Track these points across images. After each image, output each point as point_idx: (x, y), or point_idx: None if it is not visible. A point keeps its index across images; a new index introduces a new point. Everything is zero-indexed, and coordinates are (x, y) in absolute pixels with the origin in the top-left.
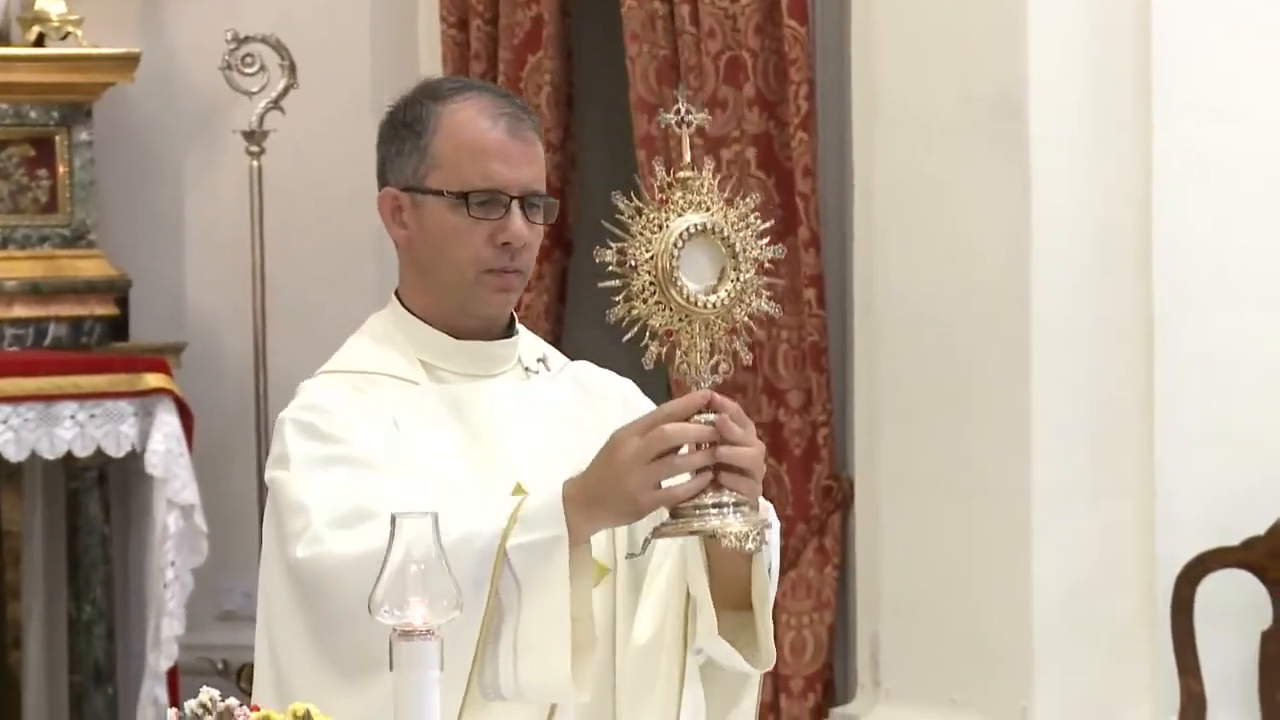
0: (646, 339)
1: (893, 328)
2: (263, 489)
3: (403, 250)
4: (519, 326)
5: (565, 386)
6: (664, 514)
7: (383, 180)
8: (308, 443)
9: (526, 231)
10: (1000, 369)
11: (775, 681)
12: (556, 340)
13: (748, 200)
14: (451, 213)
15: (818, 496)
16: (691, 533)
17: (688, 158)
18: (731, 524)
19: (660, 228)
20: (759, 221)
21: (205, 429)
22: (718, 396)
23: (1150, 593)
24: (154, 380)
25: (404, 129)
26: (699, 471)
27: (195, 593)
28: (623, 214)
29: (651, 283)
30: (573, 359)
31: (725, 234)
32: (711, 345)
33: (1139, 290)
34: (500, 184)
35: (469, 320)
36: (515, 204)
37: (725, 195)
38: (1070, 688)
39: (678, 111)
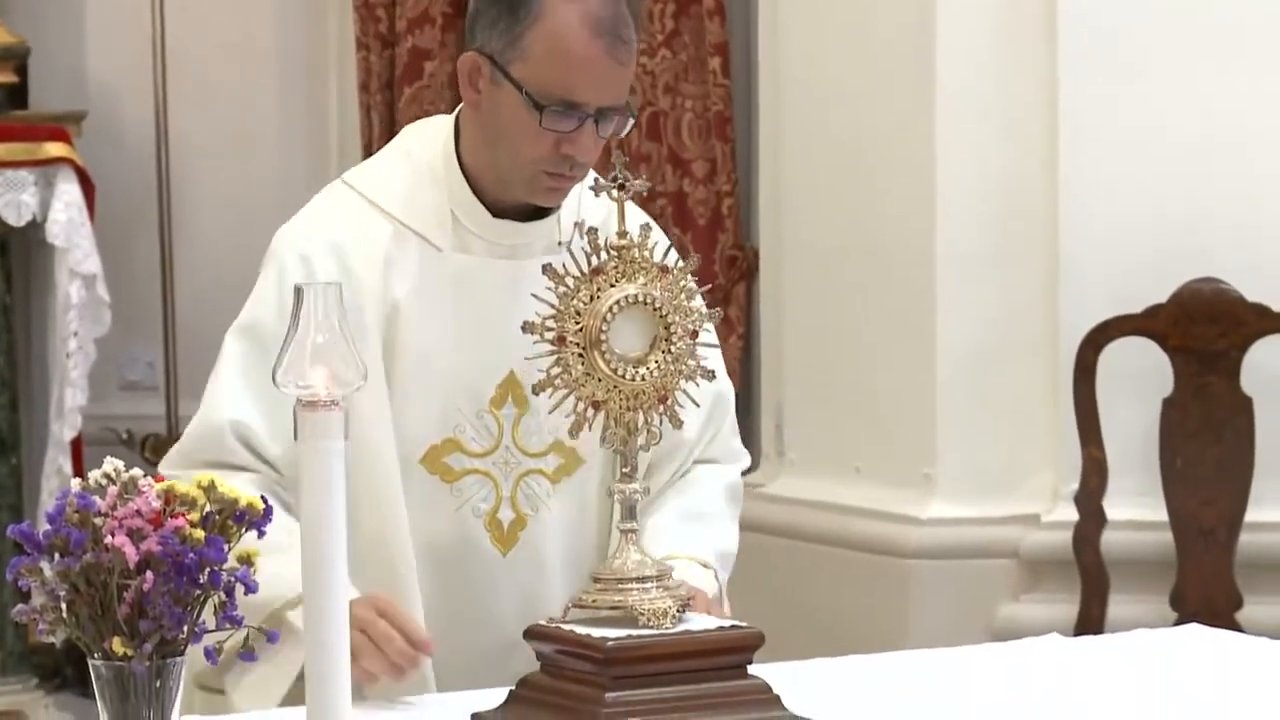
0: (573, 410)
1: (798, 97)
2: (165, 257)
3: (469, 109)
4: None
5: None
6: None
7: (471, 35)
8: (260, 315)
9: (593, 148)
10: (905, 137)
11: None
12: None
13: (684, 266)
14: (525, 110)
15: (722, 266)
16: (612, 607)
17: (624, 225)
18: (653, 599)
19: (591, 298)
20: (695, 287)
21: (106, 198)
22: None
23: (1053, 360)
24: (54, 149)
25: (504, 0)
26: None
27: (98, 363)
28: (553, 285)
29: (580, 354)
30: None
31: (658, 304)
32: (642, 416)
33: (1045, 63)
34: (581, 100)
35: (512, 198)
36: (590, 120)
37: (660, 263)
38: (973, 455)
39: (614, 178)
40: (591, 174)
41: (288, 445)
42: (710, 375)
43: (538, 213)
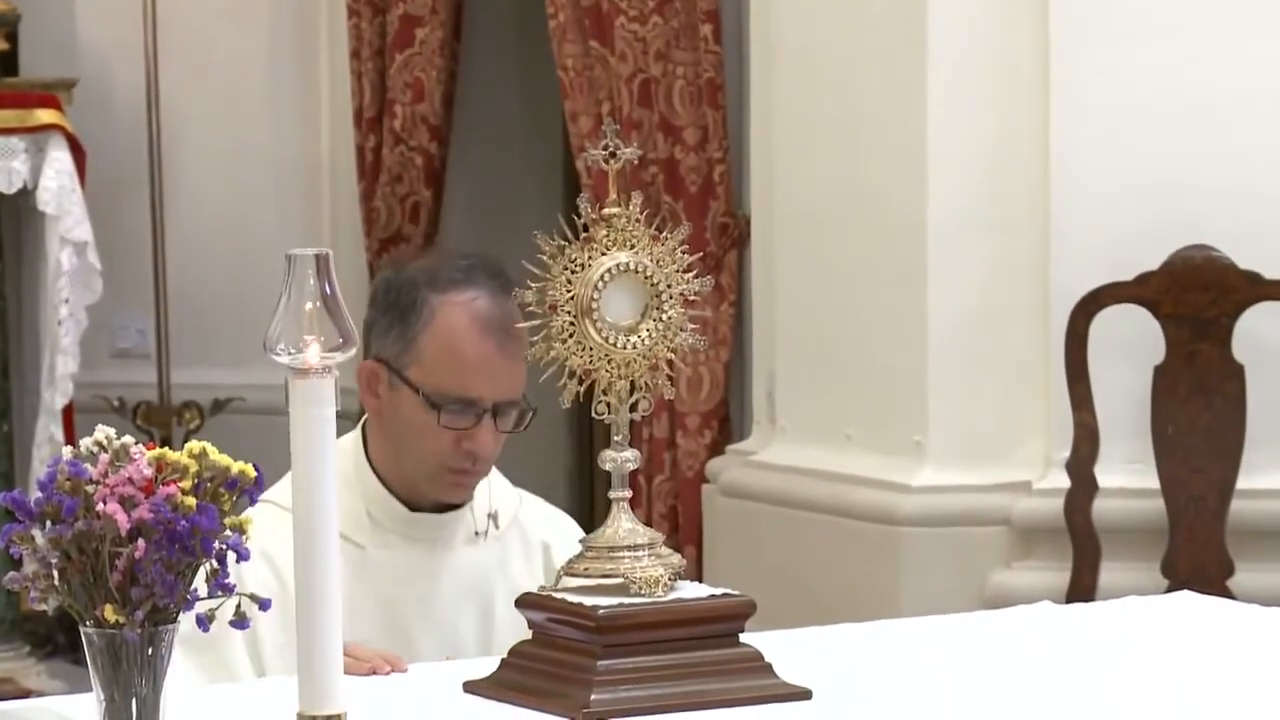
0: (565, 378)
1: (789, 64)
2: (157, 224)
3: (372, 415)
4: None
5: (510, 547)
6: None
7: (366, 344)
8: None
9: (493, 443)
10: (897, 104)
11: (671, 419)
12: None
13: (674, 234)
14: (423, 410)
15: (714, 234)
16: (604, 575)
17: (614, 194)
18: (644, 568)
19: (583, 267)
20: (684, 256)
21: (97, 165)
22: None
23: (1044, 327)
24: (45, 116)
25: (395, 309)
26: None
27: (90, 330)
28: (544, 253)
29: (571, 322)
30: None
31: (649, 272)
32: (631, 384)
33: (1037, 30)
34: (476, 396)
35: (421, 495)
36: (487, 415)
37: (651, 230)
38: (964, 423)
39: (605, 147)
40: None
41: None
42: (701, 343)
43: (451, 505)
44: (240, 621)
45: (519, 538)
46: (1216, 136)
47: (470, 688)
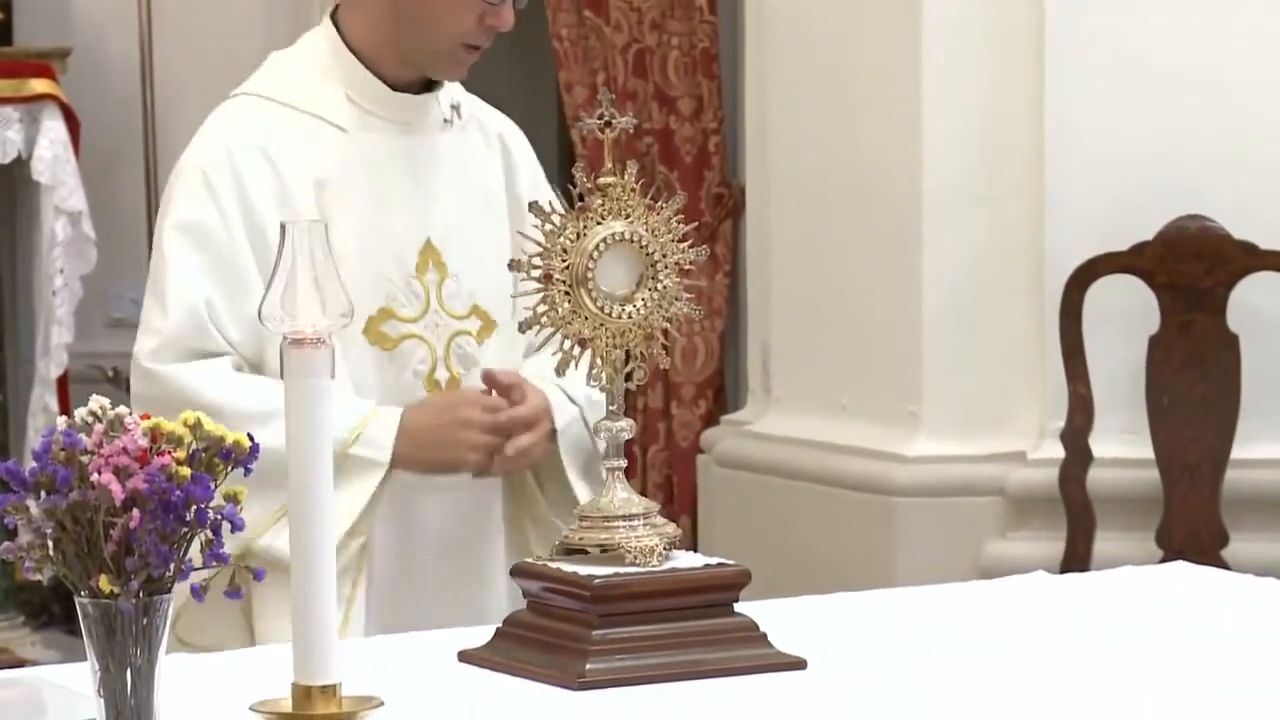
0: (559, 347)
1: (784, 34)
2: (151, 193)
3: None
4: None
5: (472, 136)
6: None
7: None
8: (199, 215)
9: (511, 20)
10: (891, 74)
11: (666, 389)
12: None
13: (670, 203)
14: None
15: (709, 204)
16: (599, 545)
17: (609, 163)
18: (639, 537)
19: (578, 236)
20: (680, 226)
21: (91, 135)
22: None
23: (1039, 297)
24: (39, 86)
25: None
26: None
27: (84, 300)
28: (539, 222)
29: (566, 292)
30: None
31: (645, 242)
32: (627, 353)
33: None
34: None
35: (412, 74)
36: None
37: (647, 200)
38: (959, 392)
39: (601, 116)
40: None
41: (246, 330)
42: (698, 312)
43: (426, 87)
44: (234, 592)
45: (478, 129)
46: (1212, 107)
47: (465, 657)
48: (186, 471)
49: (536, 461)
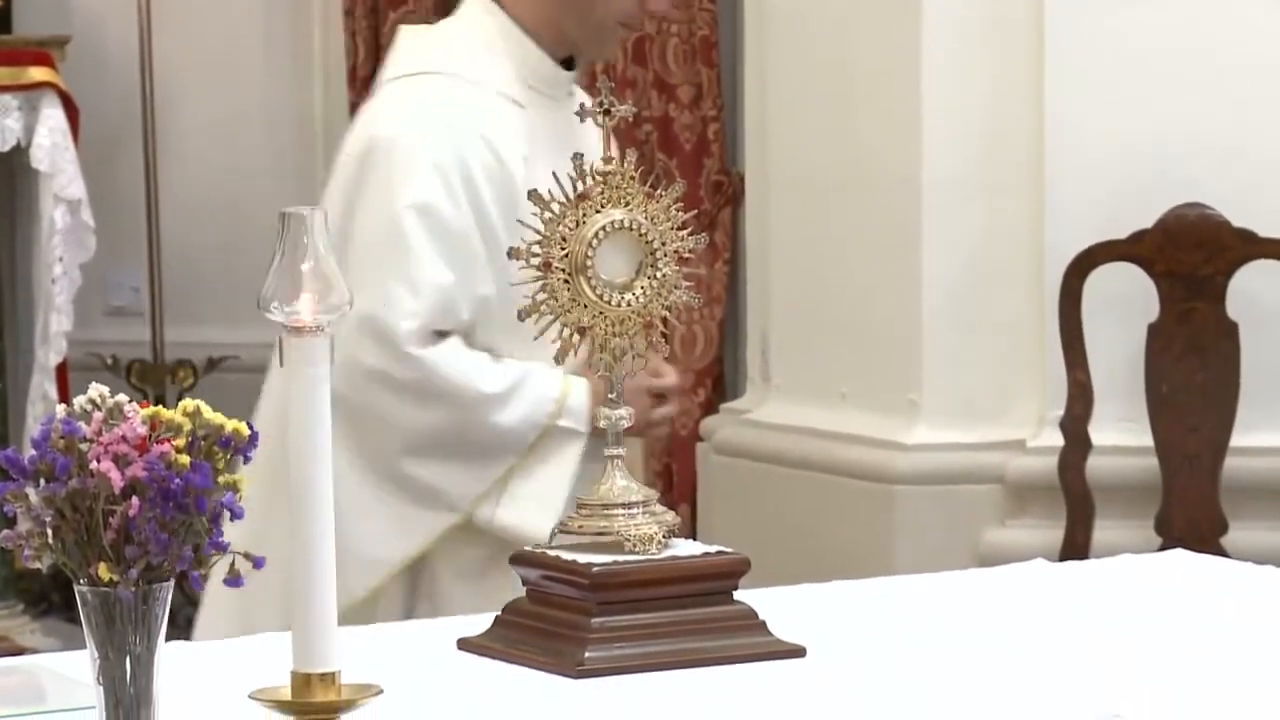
0: (558, 334)
1: (783, 22)
2: (150, 182)
3: None
4: None
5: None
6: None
7: None
8: (431, 197)
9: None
10: (891, 63)
11: None
12: None
13: (669, 191)
14: None
15: (708, 191)
16: (598, 533)
17: (609, 150)
18: (639, 525)
19: (577, 224)
20: (679, 214)
21: (91, 123)
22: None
23: (1039, 286)
24: (38, 74)
25: None
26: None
27: (83, 288)
28: (539, 210)
29: (565, 280)
30: None
31: (644, 229)
32: (628, 341)
33: None
34: None
35: (563, 52)
36: None
37: (646, 188)
38: (958, 381)
39: (600, 103)
40: (578, 99)
41: (475, 310)
42: (697, 300)
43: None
44: (234, 580)
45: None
46: (1211, 95)
47: (464, 645)
48: (186, 460)
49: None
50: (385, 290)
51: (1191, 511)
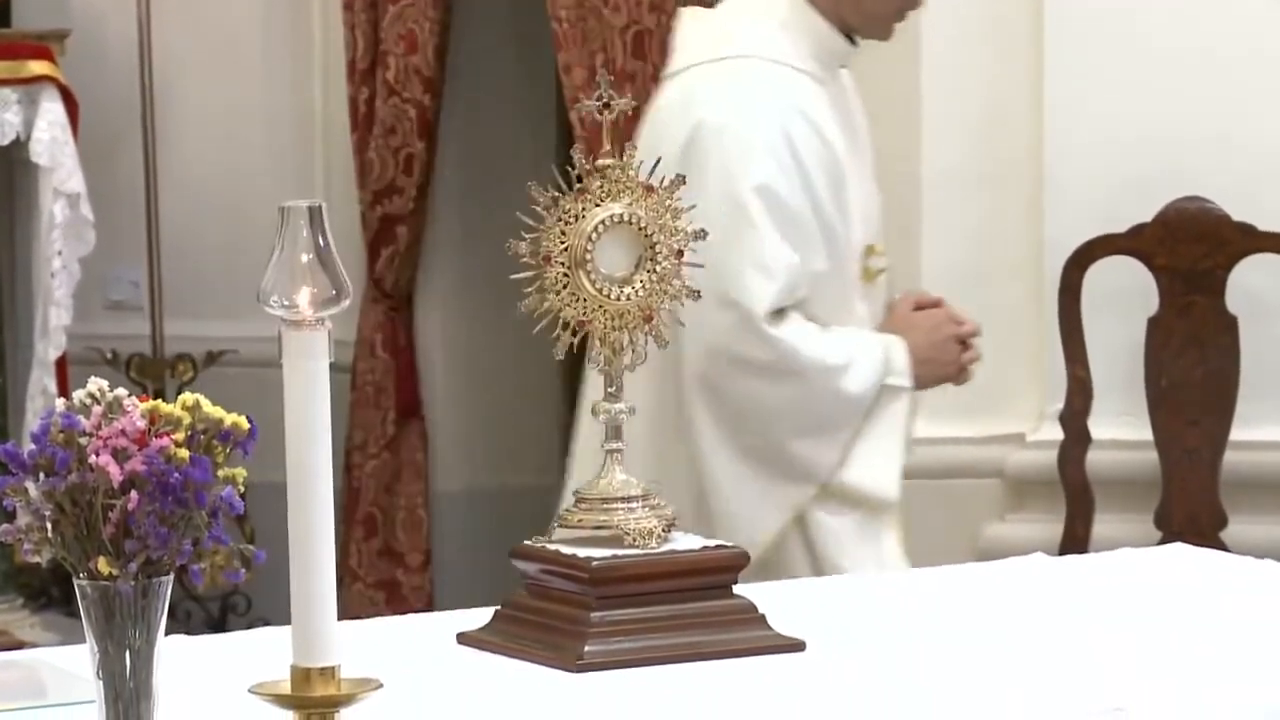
0: (559, 330)
1: None
2: (150, 176)
3: None
4: None
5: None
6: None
7: None
8: (770, 180)
9: None
10: (889, 58)
11: None
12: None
13: (669, 185)
14: None
15: None
16: (598, 527)
17: (608, 145)
18: (638, 519)
19: (576, 218)
20: (679, 208)
21: (90, 117)
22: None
23: (1038, 280)
24: (38, 67)
25: None
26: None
27: (82, 282)
28: (538, 204)
29: (565, 274)
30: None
31: (643, 224)
32: (627, 335)
33: None
34: None
35: (843, 30)
36: None
37: (645, 182)
38: None
39: (599, 98)
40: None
41: (812, 286)
42: (695, 295)
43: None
44: (233, 572)
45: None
46: (1210, 89)
47: (464, 639)
48: (185, 454)
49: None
50: (740, 275)
51: (1191, 505)
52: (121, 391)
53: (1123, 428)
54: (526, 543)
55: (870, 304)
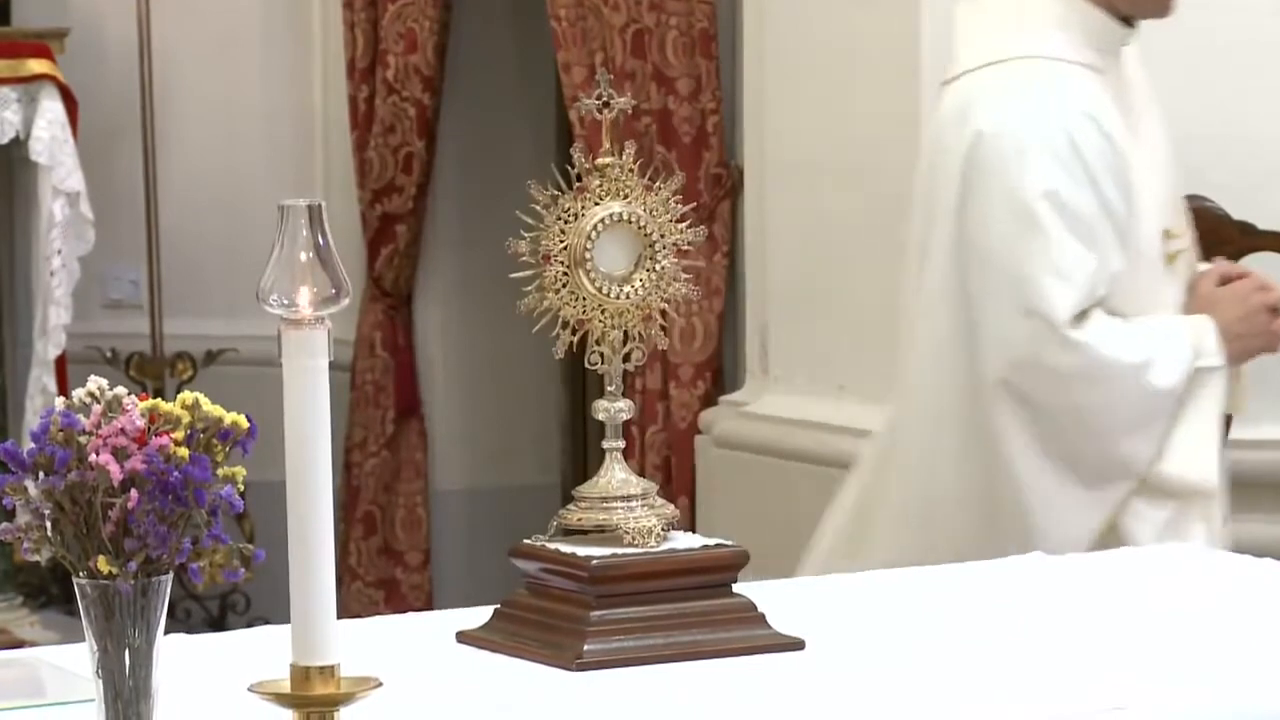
0: (558, 329)
1: (781, 13)
2: (149, 175)
3: None
4: None
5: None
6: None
7: None
8: (1057, 185)
9: None
10: (890, 55)
11: (664, 370)
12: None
13: (668, 184)
14: None
15: (707, 184)
16: (597, 526)
17: (608, 144)
18: (637, 518)
19: (576, 217)
20: (678, 207)
21: (89, 115)
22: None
23: None
24: (37, 66)
25: None
26: None
27: (82, 281)
28: (538, 203)
29: (564, 272)
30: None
31: (643, 222)
32: (625, 334)
33: None
34: None
35: (1122, 11)
36: None
37: (644, 181)
38: None
39: (599, 97)
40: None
41: (1109, 285)
42: (695, 293)
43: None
44: (233, 571)
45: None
46: (1211, 86)
47: (463, 638)
48: (184, 452)
49: None
50: (1039, 284)
51: None
52: (121, 390)
53: None
54: (526, 541)
55: (1176, 288)
